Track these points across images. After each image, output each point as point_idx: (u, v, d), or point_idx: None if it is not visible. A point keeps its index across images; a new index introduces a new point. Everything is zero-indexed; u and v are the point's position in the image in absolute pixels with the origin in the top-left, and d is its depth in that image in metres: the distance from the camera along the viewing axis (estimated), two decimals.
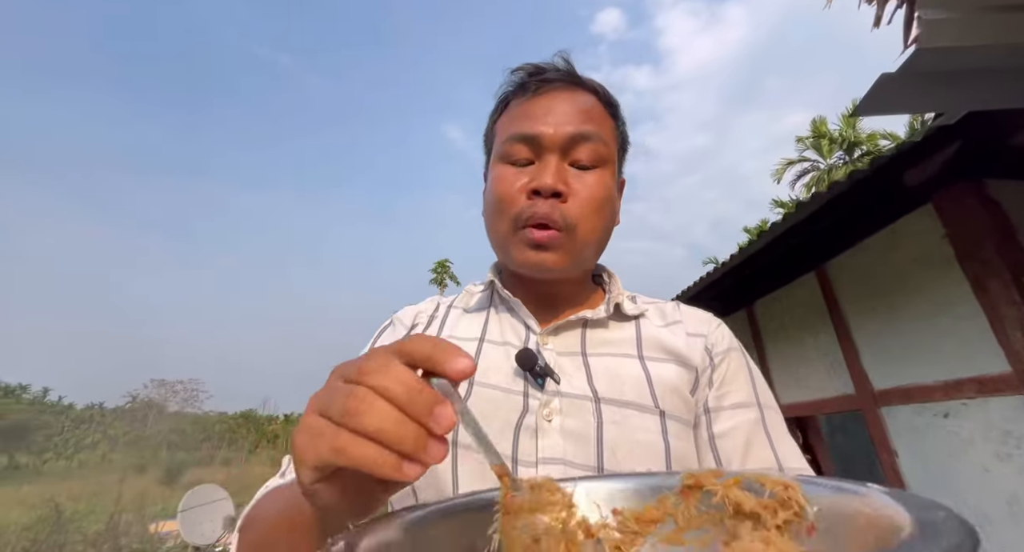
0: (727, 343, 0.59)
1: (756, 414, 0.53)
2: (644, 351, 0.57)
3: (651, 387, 0.53)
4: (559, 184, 0.54)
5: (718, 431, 0.52)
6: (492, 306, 0.65)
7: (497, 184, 0.58)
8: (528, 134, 0.56)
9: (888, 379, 2.70)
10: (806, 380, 3.40)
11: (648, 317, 0.63)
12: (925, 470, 2.48)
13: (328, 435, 0.25)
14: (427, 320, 0.65)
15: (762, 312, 3.96)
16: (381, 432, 0.24)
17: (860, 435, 2.91)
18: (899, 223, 2.61)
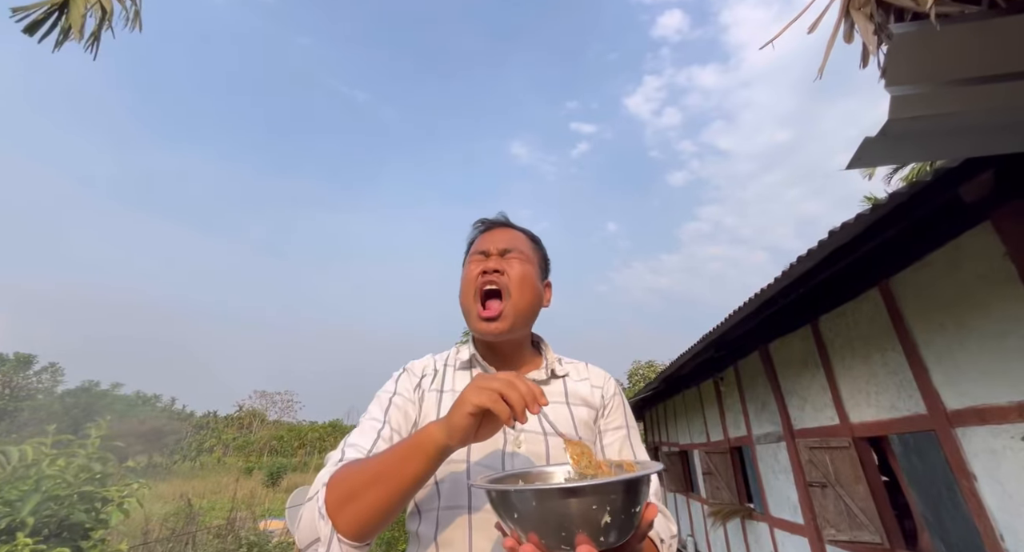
0: (612, 391, 0.99)
1: (625, 432, 0.95)
2: (569, 399, 0.94)
3: (574, 423, 0.90)
4: (499, 264, 0.94)
5: (605, 443, 0.93)
6: (473, 367, 0.98)
7: (465, 275, 0.96)
8: (481, 249, 0.97)
9: (961, 399, 2.61)
10: (876, 398, 3.30)
11: (570, 375, 0.99)
12: (1006, 496, 2.38)
13: (487, 393, 0.59)
14: (431, 373, 0.97)
15: (827, 328, 3.87)
16: (512, 400, 0.59)
17: (935, 457, 2.80)
18: (962, 239, 2.55)
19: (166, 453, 32.75)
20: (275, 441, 42.75)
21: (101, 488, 3.12)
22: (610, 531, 0.52)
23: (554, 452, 0.85)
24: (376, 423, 0.83)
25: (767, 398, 4.97)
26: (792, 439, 4.39)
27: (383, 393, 0.91)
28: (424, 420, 0.88)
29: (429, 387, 0.94)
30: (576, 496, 0.50)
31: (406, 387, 0.92)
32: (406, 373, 0.96)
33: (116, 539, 3.15)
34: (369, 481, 0.62)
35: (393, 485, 0.62)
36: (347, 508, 0.61)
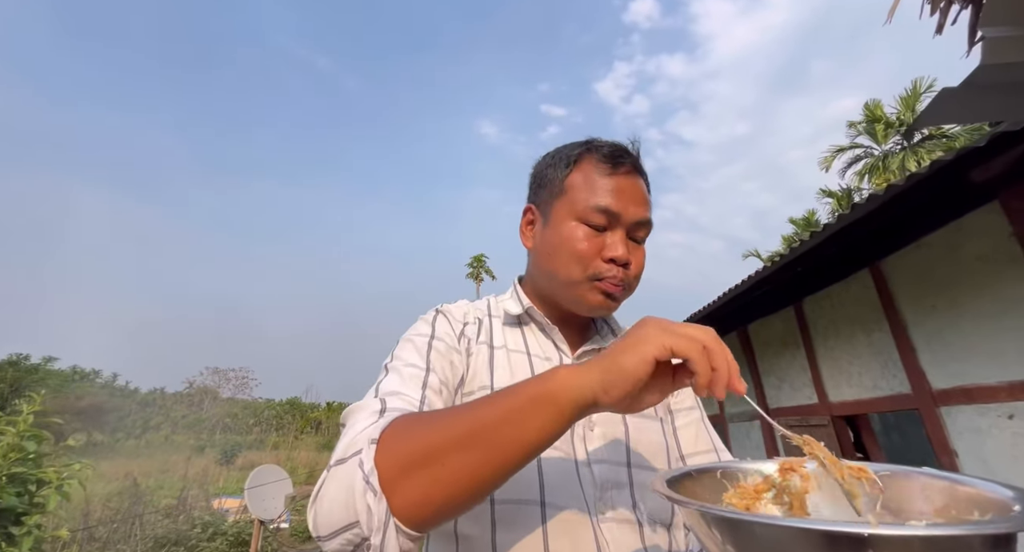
0: None
1: (699, 414, 0.77)
2: None
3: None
4: (629, 257, 0.69)
5: (678, 425, 0.76)
6: (524, 323, 0.78)
7: (575, 242, 0.69)
8: (611, 210, 0.69)
9: (948, 379, 2.66)
10: (858, 378, 3.37)
11: None
12: (987, 472, 2.45)
13: (687, 341, 0.41)
14: (475, 321, 0.76)
15: (811, 309, 3.92)
16: (716, 360, 0.41)
17: (917, 435, 2.88)
18: (964, 220, 2.56)
19: (107, 431, 30.97)
20: (228, 419, 41.34)
21: (36, 469, 2.77)
22: None
23: (636, 438, 0.68)
24: (417, 371, 0.60)
25: (743, 377, 5.06)
26: None
27: (417, 337, 0.67)
28: (473, 379, 0.67)
29: (477, 338, 0.72)
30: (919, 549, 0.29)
31: (447, 331, 0.70)
32: (442, 316, 0.73)
33: (53, 524, 2.80)
34: (458, 440, 0.41)
35: (496, 451, 0.41)
36: (413, 480, 0.40)
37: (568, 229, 0.70)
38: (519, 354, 0.72)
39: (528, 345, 0.74)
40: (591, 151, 0.73)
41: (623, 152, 0.73)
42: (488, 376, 0.68)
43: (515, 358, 0.71)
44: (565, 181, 0.73)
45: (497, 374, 0.68)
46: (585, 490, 0.60)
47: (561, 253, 0.70)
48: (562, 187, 0.73)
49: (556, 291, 0.73)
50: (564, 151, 0.76)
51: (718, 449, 0.75)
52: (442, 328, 0.70)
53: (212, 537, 8.02)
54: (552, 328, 0.75)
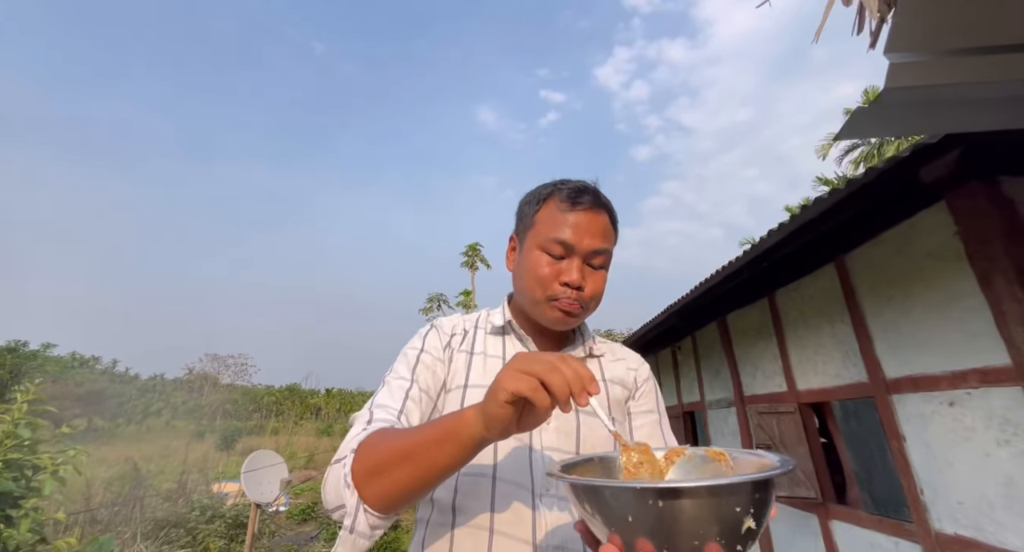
0: (646, 375, 0.96)
1: (657, 417, 0.91)
2: (605, 377, 0.91)
3: (608, 402, 0.87)
4: (581, 281, 0.81)
5: (635, 425, 0.90)
6: (506, 333, 0.92)
7: (537, 268, 0.83)
8: (567, 242, 0.81)
9: (900, 368, 2.80)
10: (823, 368, 3.50)
11: (605, 356, 0.95)
12: (930, 455, 2.60)
13: (526, 380, 0.50)
14: (461, 332, 0.92)
15: (783, 301, 4.04)
16: (553, 387, 0.50)
17: (871, 420, 3.02)
18: (916, 218, 2.66)
19: (108, 416, 31.34)
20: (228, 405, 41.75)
21: (31, 455, 2.90)
22: (749, 538, 0.43)
23: (586, 432, 0.81)
24: (404, 382, 0.79)
25: (721, 366, 5.21)
26: (742, 405, 4.65)
27: (410, 350, 0.85)
28: (452, 379, 0.84)
29: (459, 347, 0.88)
30: (723, 495, 0.42)
31: (434, 345, 0.87)
32: (434, 330, 0.90)
33: (52, 507, 2.95)
34: (398, 459, 0.57)
35: (423, 469, 0.57)
36: (374, 482, 0.58)
37: (534, 257, 0.84)
38: (495, 359, 0.87)
39: (506, 352, 0.89)
40: (557, 190, 0.87)
41: (582, 191, 0.85)
42: (464, 377, 0.84)
43: (490, 363, 0.86)
44: (535, 216, 0.87)
45: (472, 375, 0.84)
46: (534, 473, 0.76)
47: (527, 277, 0.84)
48: (532, 221, 0.87)
49: (526, 307, 0.87)
50: (538, 190, 0.91)
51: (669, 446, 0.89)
52: (431, 342, 0.87)
53: (211, 520, 8.25)
54: (526, 338, 0.90)
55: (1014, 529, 2.18)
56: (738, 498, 0.42)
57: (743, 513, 0.42)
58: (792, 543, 3.91)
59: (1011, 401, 2.17)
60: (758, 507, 0.43)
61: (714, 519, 0.42)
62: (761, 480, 0.43)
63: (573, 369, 0.51)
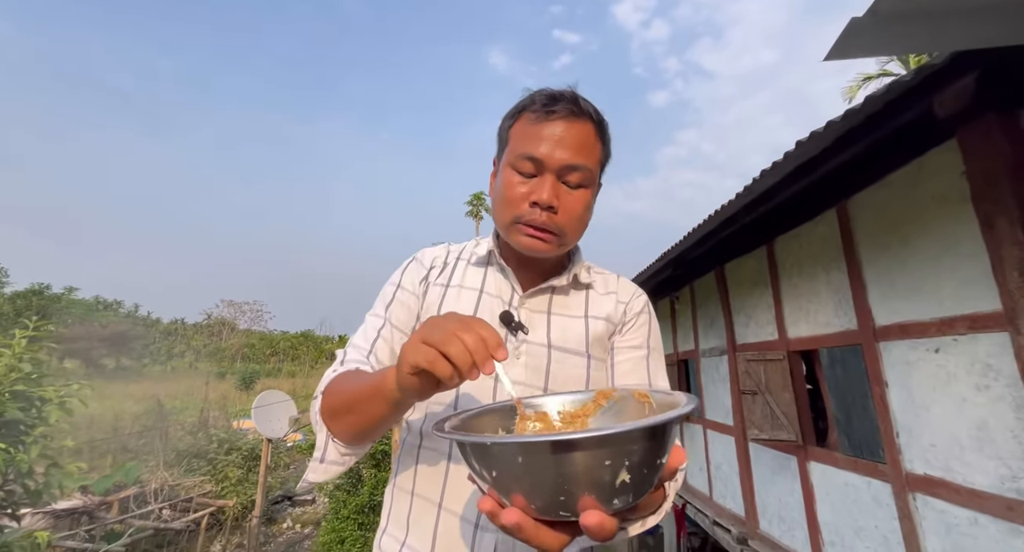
0: (639, 308, 0.86)
1: (644, 353, 0.83)
2: (589, 312, 0.83)
3: (587, 338, 0.80)
4: (552, 200, 0.71)
5: (617, 361, 0.82)
6: (490, 264, 0.86)
7: (505, 188, 0.74)
8: (534, 156, 0.71)
9: (890, 315, 2.74)
10: (814, 316, 3.45)
11: (595, 287, 0.87)
12: (910, 400, 2.60)
13: (424, 351, 0.47)
14: (442, 264, 0.87)
15: (781, 249, 3.93)
16: (454, 357, 0.46)
17: (856, 367, 3.01)
18: (925, 158, 2.49)
19: (135, 357, 32.96)
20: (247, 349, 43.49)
21: (37, 388, 3.04)
22: (626, 491, 0.40)
23: (556, 369, 0.77)
24: (377, 320, 0.79)
25: (716, 315, 5.19)
26: (734, 352, 4.66)
27: (388, 286, 0.84)
28: (425, 314, 0.81)
29: (435, 280, 0.84)
30: (583, 449, 0.38)
31: (411, 279, 0.84)
32: (415, 263, 0.87)
33: (62, 437, 3.13)
34: (347, 407, 0.61)
35: (365, 418, 0.59)
36: (335, 421, 0.63)
37: (504, 177, 0.75)
38: (471, 292, 0.82)
39: (485, 284, 0.84)
40: (531, 102, 0.75)
41: (556, 98, 0.74)
42: (436, 311, 0.80)
43: (465, 295, 0.81)
44: (508, 133, 0.78)
45: (444, 309, 0.80)
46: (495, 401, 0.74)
47: (498, 199, 0.77)
48: (506, 138, 0.78)
49: (502, 233, 0.80)
50: (515, 106, 0.79)
51: (653, 384, 0.82)
52: (408, 277, 0.84)
53: (228, 452, 8.83)
54: (507, 269, 0.83)
55: (981, 470, 2.20)
56: (606, 451, 0.38)
57: (616, 466, 0.38)
58: (772, 482, 4.05)
59: (996, 347, 2.11)
60: (635, 459, 0.39)
61: (580, 473, 0.38)
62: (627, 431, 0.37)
63: (476, 335, 0.47)
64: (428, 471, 0.74)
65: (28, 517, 6.07)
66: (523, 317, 0.79)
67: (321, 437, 0.64)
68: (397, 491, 0.78)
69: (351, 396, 0.61)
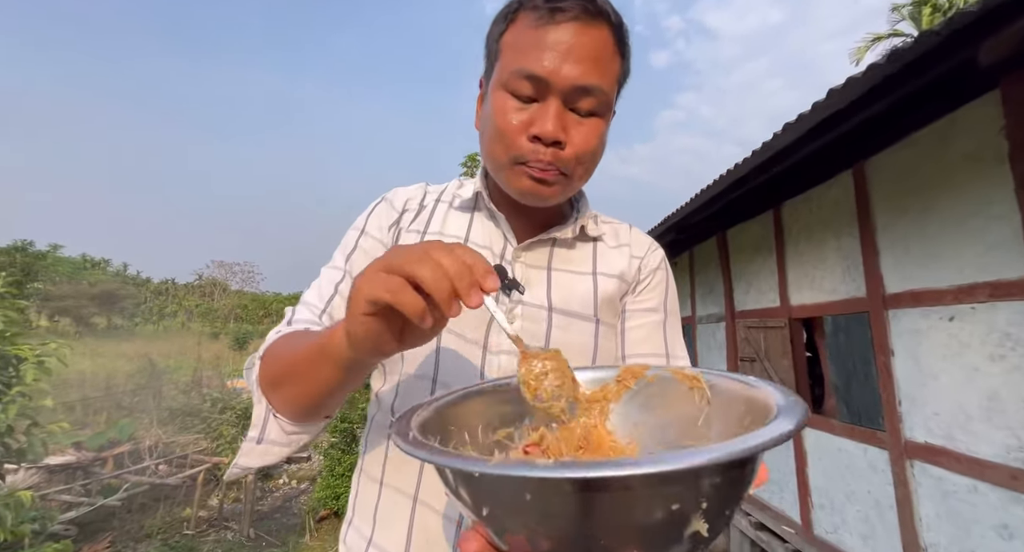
0: (656, 264, 0.73)
1: (661, 317, 0.71)
2: (597, 268, 0.70)
3: (595, 300, 0.67)
4: (559, 133, 0.55)
5: (628, 326, 0.69)
6: (476, 209, 0.71)
7: (499, 116, 0.57)
8: (536, 75, 0.54)
9: (902, 282, 2.64)
10: (820, 283, 3.36)
11: (604, 239, 0.73)
12: (917, 369, 2.54)
13: (384, 279, 0.35)
14: (417, 207, 0.71)
15: (789, 214, 3.78)
16: (427, 281, 0.33)
17: (861, 336, 2.94)
18: (959, 113, 2.31)
19: (126, 316, 32.80)
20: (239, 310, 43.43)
21: (11, 346, 2.90)
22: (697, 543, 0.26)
23: (558, 336, 0.63)
24: (335, 273, 0.66)
25: (716, 282, 5.10)
26: (732, 319, 4.61)
27: (351, 231, 0.70)
28: None
29: (408, 225, 0.69)
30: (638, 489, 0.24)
31: (378, 224, 0.69)
32: (384, 204, 0.72)
33: (41, 396, 3.02)
34: (289, 375, 0.50)
35: (310, 387, 0.49)
36: (276, 392, 0.52)
37: (496, 102, 0.58)
38: (454, 240, 0.65)
39: (471, 232, 0.69)
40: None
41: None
42: None
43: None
44: (500, 42, 0.60)
45: None
46: (484, 378, 0.61)
47: (488, 133, 0.60)
48: (497, 50, 0.60)
49: (493, 175, 0.65)
50: (507, 4, 0.61)
51: (671, 355, 0.70)
52: (374, 221, 0.69)
53: (223, 411, 8.85)
54: (499, 215, 0.67)
55: (987, 439, 2.17)
56: (676, 489, 0.25)
57: (686, 511, 0.25)
58: None
59: (1018, 315, 2.02)
60: (715, 499, 0.25)
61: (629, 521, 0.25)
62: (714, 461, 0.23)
63: (456, 258, 0.35)
64: (401, 457, 0.61)
65: (21, 472, 6.08)
66: (518, 273, 0.66)
67: (259, 412, 0.53)
68: (364, 478, 0.65)
69: (293, 361, 0.50)
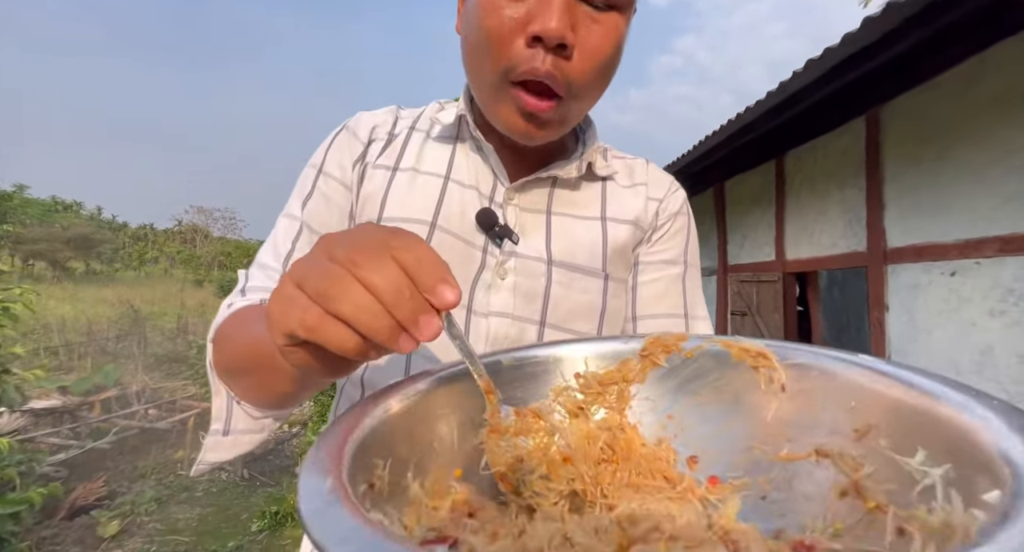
0: (677, 207, 0.61)
1: (680, 270, 0.60)
2: (607, 213, 0.58)
3: (604, 250, 0.56)
4: (566, 32, 0.41)
5: (641, 281, 0.59)
6: (460, 139, 0.58)
7: (485, 15, 0.44)
8: None
9: (905, 236, 2.58)
10: (818, 237, 3.29)
11: (616, 178, 0.61)
12: (910, 324, 2.53)
13: (300, 309, 0.26)
14: (386, 137, 0.57)
15: (792, 164, 3.65)
16: (354, 319, 0.25)
17: (857, 291, 2.92)
18: (990, 51, 2.14)
19: (104, 261, 32.00)
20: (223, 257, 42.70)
21: None
22: None
23: (559, 294, 0.53)
24: (292, 224, 0.54)
25: (709, 235, 5.02)
26: (724, 273, 4.58)
27: (307, 169, 0.57)
28: (361, 212, 0.54)
29: (375, 160, 0.55)
30: None
31: (338, 160, 0.55)
32: (346, 134, 0.57)
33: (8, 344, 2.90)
34: (242, 369, 0.44)
35: (269, 392, 0.43)
36: (234, 383, 0.46)
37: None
38: (431, 178, 0.55)
39: (453, 167, 0.56)
40: None
41: None
42: (377, 207, 0.53)
43: (422, 183, 0.54)
44: None
45: (390, 204, 0.53)
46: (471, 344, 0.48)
47: (471, 37, 0.47)
48: None
49: (477, 100, 0.52)
50: None
51: (690, 315, 0.59)
52: (334, 158, 0.56)
53: None
54: (486, 147, 0.55)
55: None
56: None
57: None
58: None
59: None
60: None
61: None
62: None
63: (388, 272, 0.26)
64: None
65: (6, 416, 6.04)
66: (511, 219, 0.54)
67: (219, 403, 0.46)
68: None
69: (246, 356, 0.42)
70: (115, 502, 3.94)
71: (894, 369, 0.26)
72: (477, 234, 0.53)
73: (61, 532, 3.41)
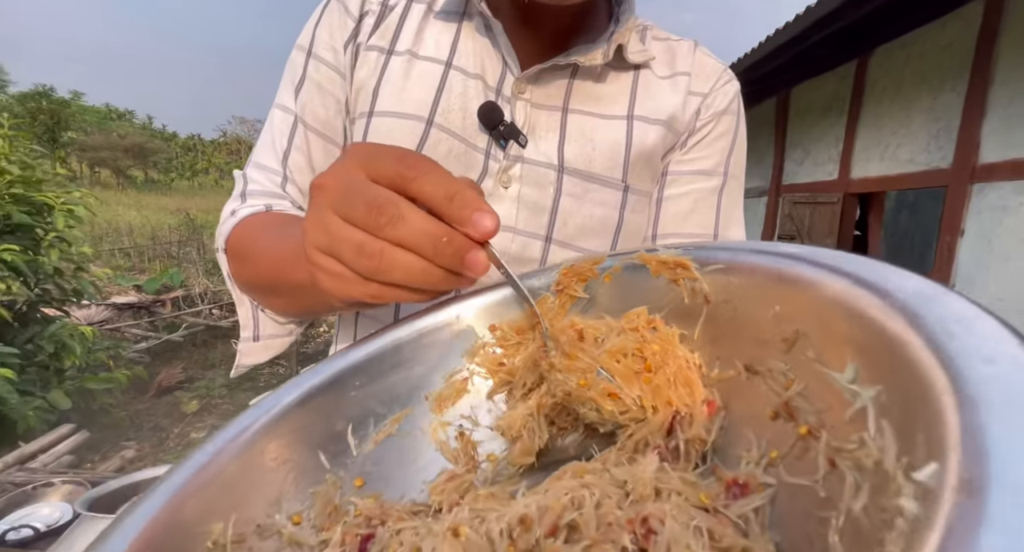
0: (724, 105, 0.50)
1: (717, 183, 0.50)
2: (635, 109, 0.48)
3: (626, 156, 0.48)
4: None
5: (668, 194, 0.51)
6: (466, 17, 0.49)
7: None
8: None
9: (1002, 150, 2.24)
10: (894, 152, 2.92)
11: (652, 66, 0.50)
12: (987, 250, 2.30)
13: (360, 283, 0.26)
14: (379, 9, 0.49)
15: (878, 64, 3.14)
16: (409, 281, 0.26)
17: (930, 214, 2.64)
18: None
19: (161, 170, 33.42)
20: None
21: (36, 193, 2.91)
22: None
23: (569, 207, 0.48)
24: (286, 118, 0.49)
25: (766, 152, 4.59)
26: (776, 194, 4.25)
27: (295, 51, 0.50)
28: (356, 101, 0.48)
29: (368, 39, 0.48)
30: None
31: (328, 41, 0.48)
32: (335, 6, 0.49)
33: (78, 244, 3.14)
34: (268, 287, 0.42)
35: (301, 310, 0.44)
36: (259, 297, 0.45)
37: None
38: (430, 64, 0.48)
39: (457, 51, 0.48)
40: None
41: None
42: (370, 97, 0.47)
43: (419, 71, 0.47)
44: None
45: (383, 94, 0.46)
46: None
47: None
48: None
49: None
50: None
51: (722, 237, 0.51)
52: (323, 36, 0.48)
53: None
54: (496, 26, 0.46)
55: None
56: None
57: None
58: None
59: None
60: None
61: None
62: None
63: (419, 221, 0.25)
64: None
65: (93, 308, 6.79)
66: (519, 116, 0.47)
67: (244, 311, 0.46)
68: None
69: (272, 280, 0.40)
70: (193, 385, 4.49)
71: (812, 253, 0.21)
72: (479, 134, 0.47)
73: (152, 407, 3.96)
